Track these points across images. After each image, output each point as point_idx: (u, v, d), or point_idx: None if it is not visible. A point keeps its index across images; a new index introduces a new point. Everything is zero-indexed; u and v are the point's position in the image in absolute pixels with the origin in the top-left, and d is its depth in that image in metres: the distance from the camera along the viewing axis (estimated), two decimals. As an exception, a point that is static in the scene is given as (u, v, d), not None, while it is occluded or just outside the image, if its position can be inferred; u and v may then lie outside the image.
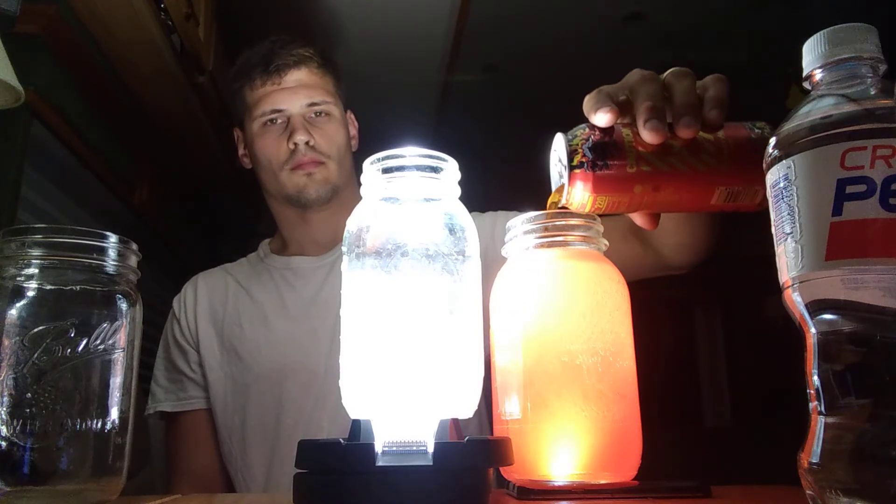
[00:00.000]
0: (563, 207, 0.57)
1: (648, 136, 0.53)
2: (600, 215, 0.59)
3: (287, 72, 1.04)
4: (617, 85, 0.58)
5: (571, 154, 0.54)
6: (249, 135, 1.07)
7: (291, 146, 1.02)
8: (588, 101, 0.56)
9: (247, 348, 1.04)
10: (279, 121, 1.04)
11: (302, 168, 1.03)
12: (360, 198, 0.52)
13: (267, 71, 1.04)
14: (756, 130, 0.56)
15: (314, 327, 1.02)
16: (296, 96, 1.03)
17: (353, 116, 1.15)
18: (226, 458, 1.04)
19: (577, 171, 0.54)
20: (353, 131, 1.14)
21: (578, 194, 0.55)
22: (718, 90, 0.57)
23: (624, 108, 0.56)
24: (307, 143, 1.02)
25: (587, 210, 0.57)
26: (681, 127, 0.54)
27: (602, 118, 0.55)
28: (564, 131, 0.57)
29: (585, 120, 0.56)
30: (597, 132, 0.55)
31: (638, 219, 0.61)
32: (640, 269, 0.86)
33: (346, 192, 1.07)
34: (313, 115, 1.04)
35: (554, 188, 0.59)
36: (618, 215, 0.60)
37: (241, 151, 1.13)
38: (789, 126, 0.40)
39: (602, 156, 0.54)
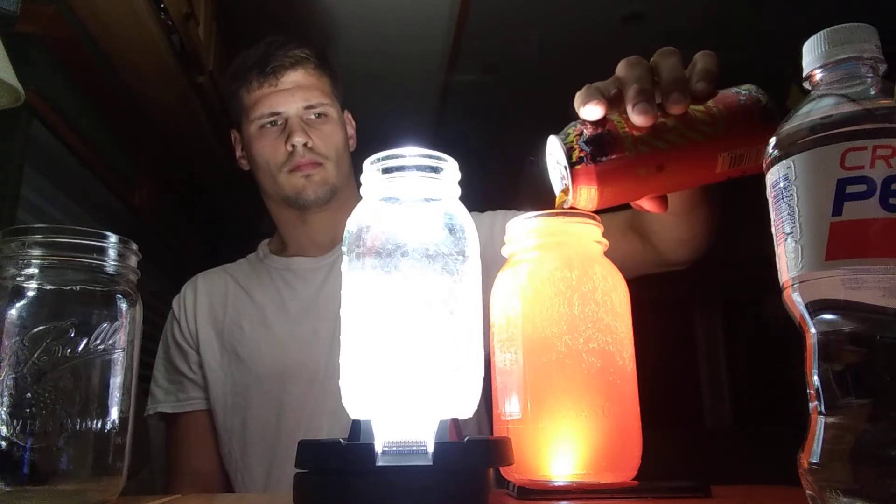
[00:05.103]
0: (571, 207, 0.57)
1: (638, 118, 0.54)
2: (599, 211, 0.59)
3: (283, 73, 1.03)
4: (607, 80, 0.59)
5: (569, 152, 0.54)
6: (247, 137, 1.07)
7: (289, 148, 1.02)
8: (577, 98, 0.57)
9: (247, 349, 1.04)
10: (277, 123, 1.04)
11: (300, 170, 1.03)
12: (359, 198, 0.52)
13: (263, 73, 1.03)
14: (743, 93, 0.57)
15: (314, 328, 1.02)
16: (293, 98, 1.03)
17: (350, 116, 1.15)
18: (225, 458, 1.04)
19: (579, 167, 0.54)
20: (351, 131, 1.14)
21: (584, 191, 0.55)
22: (705, 63, 0.58)
23: (616, 101, 0.56)
24: (305, 144, 1.02)
25: (596, 205, 0.57)
26: (670, 103, 0.55)
27: (591, 110, 0.55)
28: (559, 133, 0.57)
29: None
30: (588, 126, 0.55)
31: (647, 204, 0.61)
32: (640, 264, 0.86)
33: (344, 193, 1.07)
34: (311, 117, 1.04)
35: (557, 191, 0.59)
36: (616, 212, 0.60)
37: (238, 153, 1.13)
38: (789, 126, 0.40)
39: (599, 147, 0.54)
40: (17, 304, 0.49)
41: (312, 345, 1.01)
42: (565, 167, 0.55)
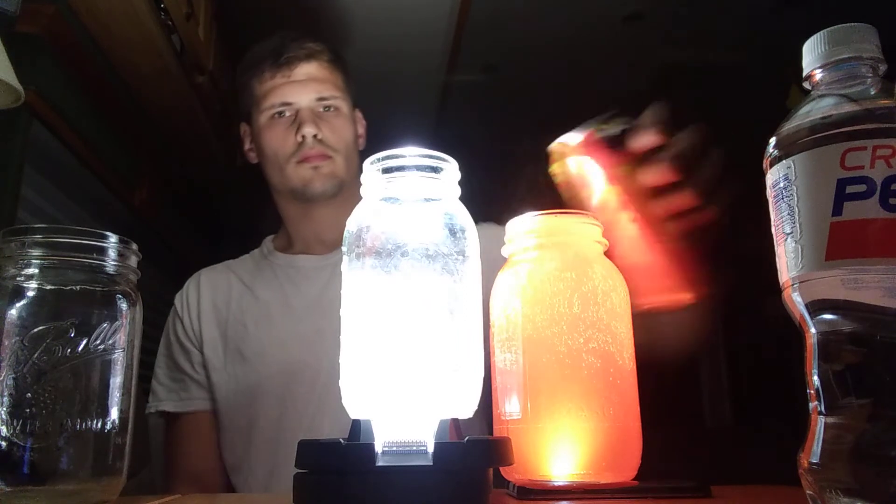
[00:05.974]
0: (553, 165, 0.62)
1: (652, 175, 0.58)
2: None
3: (297, 65, 1.03)
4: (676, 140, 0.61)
5: (598, 125, 0.61)
6: (257, 127, 1.06)
7: (299, 139, 1.02)
8: (651, 117, 0.60)
9: (252, 348, 1.04)
10: (287, 114, 1.04)
11: (308, 161, 1.03)
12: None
13: (277, 63, 1.03)
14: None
15: (320, 327, 1.02)
16: (305, 90, 1.03)
17: (361, 115, 1.15)
18: (227, 458, 1.04)
19: (588, 134, 0.60)
20: (361, 130, 1.14)
21: (572, 139, 0.61)
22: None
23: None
24: (315, 136, 1.01)
25: (570, 173, 0.62)
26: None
27: (646, 140, 0.59)
28: (565, 131, 0.59)
29: (585, 120, 0.58)
30: (628, 134, 0.60)
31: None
32: None
33: (351, 190, 1.07)
34: (322, 110, 1.04)
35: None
36: None
37: (247, 146, 1.13)
38: (789, 126, 0.40)
39: (612, 144, 0.58)
40: (17, 304, 0.49)
41: (316, 344, 1.01)
42: (589, 126, 0.60)
